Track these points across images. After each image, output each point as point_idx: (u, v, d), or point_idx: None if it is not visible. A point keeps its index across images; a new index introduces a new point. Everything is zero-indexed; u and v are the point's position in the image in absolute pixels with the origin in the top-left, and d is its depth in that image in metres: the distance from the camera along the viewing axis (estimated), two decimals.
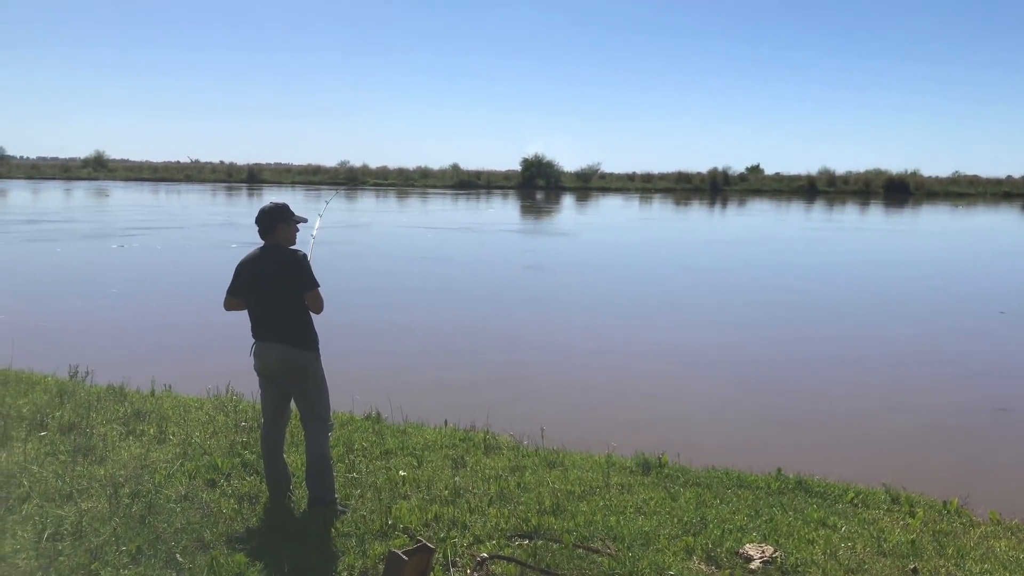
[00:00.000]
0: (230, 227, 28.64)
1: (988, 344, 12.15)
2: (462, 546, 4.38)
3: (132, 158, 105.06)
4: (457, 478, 5.48)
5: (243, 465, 5.49)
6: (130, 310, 13.73)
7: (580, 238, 27.95)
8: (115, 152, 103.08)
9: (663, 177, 73.20)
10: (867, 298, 16.20)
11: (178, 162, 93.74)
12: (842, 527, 4.95)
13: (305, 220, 4.93)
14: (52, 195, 50.75)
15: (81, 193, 53.54)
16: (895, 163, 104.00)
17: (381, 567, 4.04)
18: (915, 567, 4.37)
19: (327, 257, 19.50)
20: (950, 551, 4.65)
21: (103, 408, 6.80)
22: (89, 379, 7.88)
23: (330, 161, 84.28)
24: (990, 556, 4.62)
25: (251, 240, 4.83)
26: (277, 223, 4.73)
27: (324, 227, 5.72)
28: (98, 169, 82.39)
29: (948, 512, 5.42)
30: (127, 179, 76.29)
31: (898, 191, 64.87)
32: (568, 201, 53.08)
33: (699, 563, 4.35)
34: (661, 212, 43.94)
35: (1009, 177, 71.12)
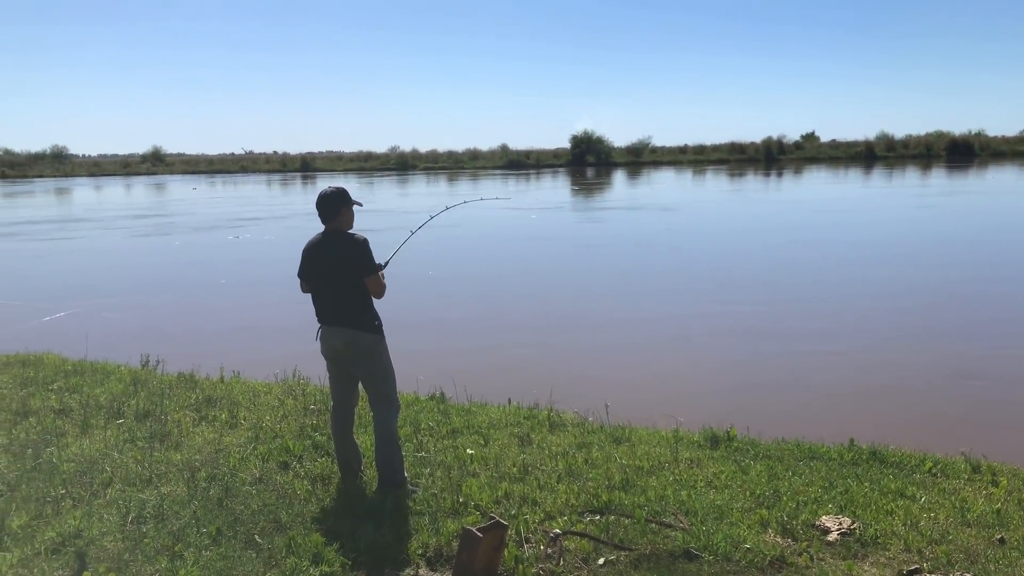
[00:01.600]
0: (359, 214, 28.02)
1: None
2: (534, 522, 4.38)
3: (188, 151, 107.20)
4: (524, 455, 5.48)
5: (314, 447, 5.58)
6: (210, 300, 14.03)
7: (683, 213, 27.19)
8: (171, 147, 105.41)
9: (716, 148, 72.02)
10: (957, 262, 15.72)
11: (232, 154, 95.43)
12: (922, 497, 4.82)
13: (360, 204, 4.96)
14: (133, 191, 52.37)
15: (164, 187, 55.22)
16: (957, 124, 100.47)
17: (455, 544, 4.07)
18: (1002, 537, 4.24)
19: (438, 241, 19.56)
20: None
21: (175, 395, 6.98)
22: (160, 368, 8.08)
23: (381, 147, 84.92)
24: None
25: (359, 226, 4.86)
26: (340, 207, 4.76)
27: (424, 212, 5.79)
28: (156, 164, 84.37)
29: None
30: (184, 172, 77.96)
31: (962, 153, 62.81)
32: (626, 176, 52.58)
33: (774, 536, 4.28)
34: (738, 184, 43.23)
35: None
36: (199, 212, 32.55)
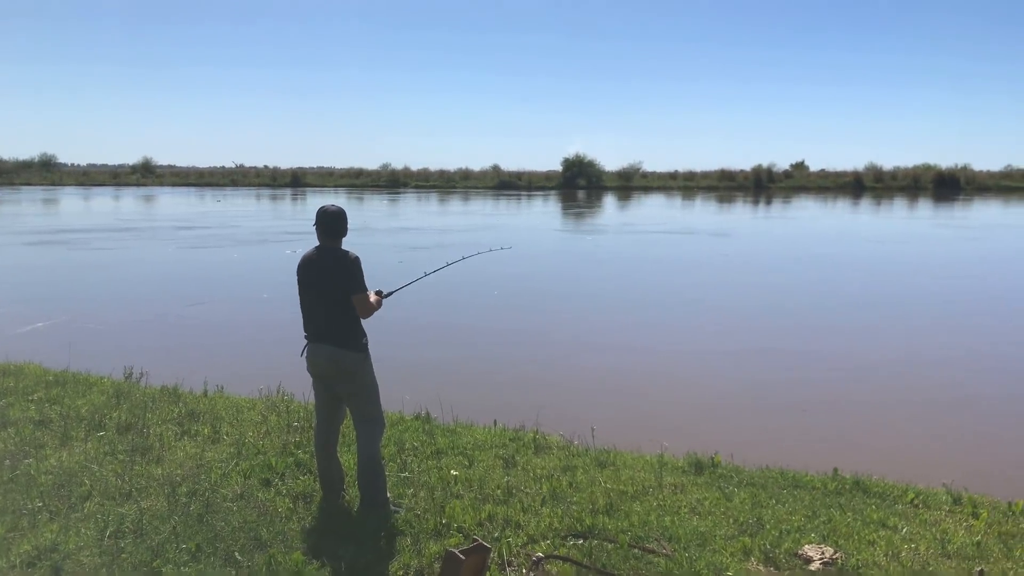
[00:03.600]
0: (386, 232, 27.27)
1: None
2: (516, 545, 4.36)
3: (178, 164, 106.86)
4: (508, 477, 5.46)
5: (296, 465, 5.54)
6: (231, 313, 13.94)
7: (741, 240, 27.24)
8: (161, 158, 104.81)
9: (706, 175, 72.57)
10: (938, 297, 15.84)
11: (223, 167, 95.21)
12: (903, 528, 4.83)
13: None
14: (158, 201, 52.32)
15: (156, 199, 55.25)
16: (944, 158, 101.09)
17: (437, 566, 4.04)
18: (981, 570, 4.25)
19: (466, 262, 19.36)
20: (1018, 553, 4.51)
21: (158, 409, 6.92)
22: (144, 380, 8.02)
23: (372, 164, 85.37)
24: None
25: (413, 243, 4.89)
26: (345, 225, 4.78)
27: (465, 229, 5.82)
28: (146, 175, 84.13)
29: (1013, 513, 5.26)
30: (174, 184, 77.79)
31: (948, 186, 63.54)
32: (619, 201, 52.85)
33: (757, 564, 4.28)
34: (765, 212, 43.53)
35: None
36: (241, 224, 32.37)
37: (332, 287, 4.67)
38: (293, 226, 31.57)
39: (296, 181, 77.47)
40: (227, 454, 5.78)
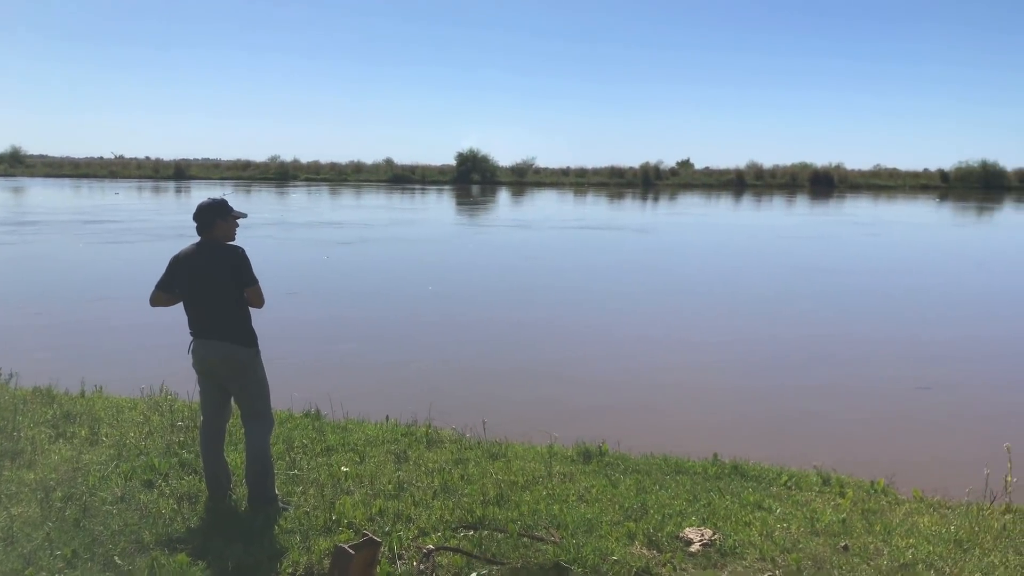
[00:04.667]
0: (316, 226, 26.26)
1: (908, 325, 12.63)
2: (408, 539, 4.39)
3: (50, 153, 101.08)
4: (400, 472, 5.48)
5: (181, 465, 5.40)
6: (122, 312, 13.27)
7: (661, 236, 27.72)
8: (31, 147, 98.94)
9: (596, 172, 73.96)
10: (812, 287, 16.66)
11: (101, 158, 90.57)
12: (777, 509, 5.11)
13: (245, 215, 4.88)
14: (45, 193, 49.24)
15: (26, 190, 52.17)
16: (819, 156, 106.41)
17: (327, 562, 4.03)
18: (846, 544, 4.55)
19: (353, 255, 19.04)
20: (878, 528, 4.85)
21: (30, 411, 6.58)
22: (14, 382, 7.61)
23: (260, 156, 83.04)
24: (914, 531, 4.84)
25: (335, 238, 4.76)
26: (216, 219, 4.66)
27: (386, 224, 5.70)
28: (15, 165, 79.20)
29: (875, 491, 5.65)
30: (47, 175, 73.56)
31: (823, 184, 66.98)
32: (514, 196, 53.22)
33: (641, 548, 4.44)
34: (657, 208, 44.42)
35: (926, 170, 73.60)
36: (151, 219, 30.77)
37: (221, 282, 4.58)
38: None
39: (180, 173, 74.50)
40: (106, 456, 5.57)
